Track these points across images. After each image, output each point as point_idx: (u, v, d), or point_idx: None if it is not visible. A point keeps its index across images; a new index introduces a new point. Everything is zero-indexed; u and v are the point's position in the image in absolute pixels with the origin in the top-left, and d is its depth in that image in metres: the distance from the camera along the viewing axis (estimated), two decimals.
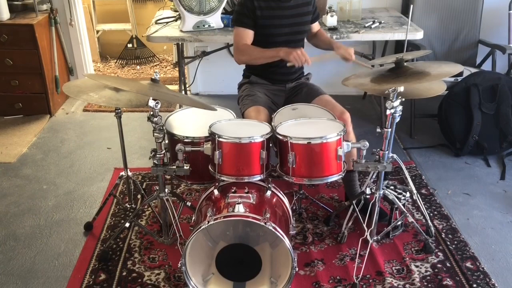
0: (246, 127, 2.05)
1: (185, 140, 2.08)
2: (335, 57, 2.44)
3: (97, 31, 5.20)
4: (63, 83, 3.85)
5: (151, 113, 1.91)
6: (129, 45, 5.12)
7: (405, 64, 1.89)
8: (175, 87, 4.31)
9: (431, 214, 2.54)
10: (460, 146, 3.13)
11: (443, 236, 2.39)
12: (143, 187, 2.78)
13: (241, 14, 2.43)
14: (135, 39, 5.10)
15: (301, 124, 2.05)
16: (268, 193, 1.95)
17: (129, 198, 2.55)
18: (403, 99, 1.95)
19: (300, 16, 2.49)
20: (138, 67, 5.11)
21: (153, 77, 1.88)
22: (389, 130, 1.99)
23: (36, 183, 2.85)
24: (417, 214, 2.55)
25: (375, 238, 2.21)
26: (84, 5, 4.64)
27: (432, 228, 2.39)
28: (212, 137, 1.93)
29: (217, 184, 2.00)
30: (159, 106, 1.87)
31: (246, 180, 1.92)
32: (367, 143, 1.99)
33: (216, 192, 1.95)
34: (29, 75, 3.55)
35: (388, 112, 1.96)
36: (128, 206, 2.54)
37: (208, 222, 1.73)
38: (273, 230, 1.73)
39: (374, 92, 1.94)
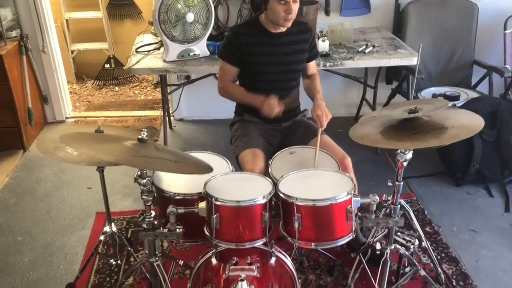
0: (245, 183, 1.85)
1: (176, 197, 1.87)
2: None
3: (72, 51, 4.91)
4: (37, 114, 3.59)
5: (139, 173, 1.71)
6: (107, 65, 4.84)
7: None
8: (157, 113, 4.09)
9: (439, 257, 2.40)
10: (461, 175, 3.00)
11: (454, 283, 2.24)
12: (129, 235, 2.56)
13: (227, 49, 2.29)
14: (113, 58, 4.83)
15: (305, 178, 1.86)
16: (273, 260, 1.76)
17: (114, 253, 2.32)
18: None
19: (294, 54, 2.29)
20: (116, 88, 4.86)
21: (140, 137, 1.67)
22: (402, 183, 1.83)
23: (10, 234, 2.60)
24: (423, 257, 2.40)
25: None
26: (57, 23, 4.37)
27: (442, 276, 2.24)
28: (208, 199, 1.72)
29: (214, 249, 1.80)
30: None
31: (247, 246, 1.73)
32: (377, 198, 1.80)
33: (214, 260, 1.75)
34: None
35: (399, 163, 1.80)
36: (114, 262, 2.31)
37: None
38: None
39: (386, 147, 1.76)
